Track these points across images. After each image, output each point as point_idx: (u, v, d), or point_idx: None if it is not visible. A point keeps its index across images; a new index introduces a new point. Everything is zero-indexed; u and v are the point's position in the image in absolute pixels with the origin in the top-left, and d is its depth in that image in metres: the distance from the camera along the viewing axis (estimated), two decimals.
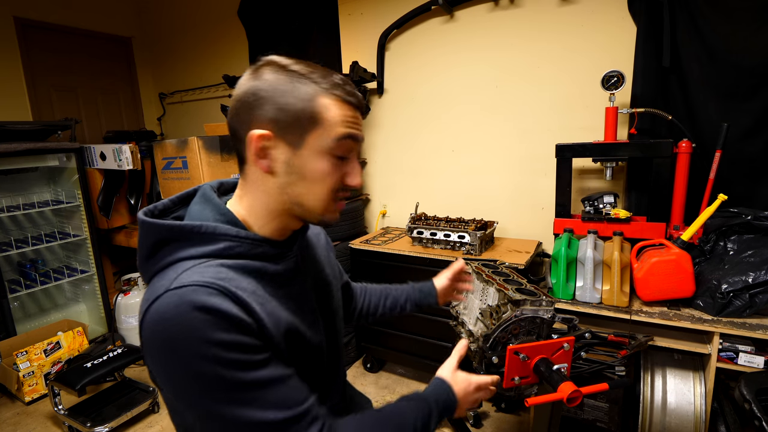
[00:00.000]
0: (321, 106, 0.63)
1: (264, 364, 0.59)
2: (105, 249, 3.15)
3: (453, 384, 0.80)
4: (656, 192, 1.87)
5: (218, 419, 0.57)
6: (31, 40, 3.29)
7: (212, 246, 0.63)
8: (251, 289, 0.62)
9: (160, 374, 0.59)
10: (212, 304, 0.55)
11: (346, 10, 2.86)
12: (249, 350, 0.57)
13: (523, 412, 2.18)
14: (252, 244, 0.66)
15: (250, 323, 0.58)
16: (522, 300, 1.16)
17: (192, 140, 1.97)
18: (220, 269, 0.61)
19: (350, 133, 0.65)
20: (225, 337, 0.55)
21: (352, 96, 0.66)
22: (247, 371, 0.57)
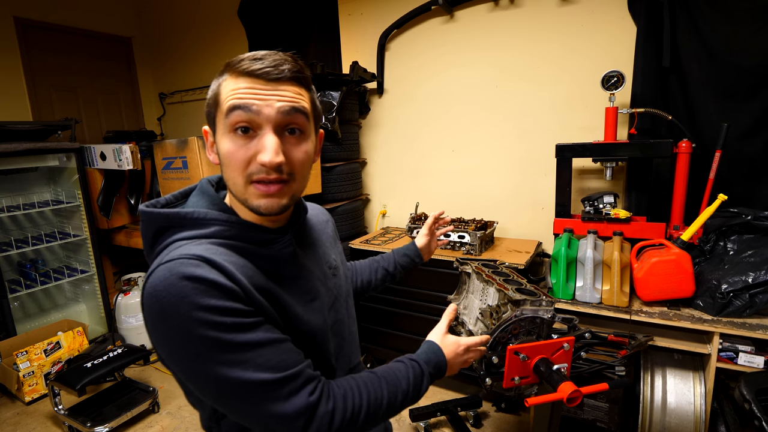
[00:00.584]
0: (220, 87, 0.66)
1: (254, 326, 0.60)
2: (105, 249, 3.15)
3: (443, 347, 0.84)
4: (656, 192, 1.87)
5: (212, 381, 0.58)
6: (31, 40, 3.29)
7: (204, 230, 0.66)
8: (240, 263, 0.64)
9: (158, 345, 0.61)
10: (198, 274, 0.58)
11: (346, 10, 2.86)
12: (238, 314, 0.59)
13: (523, 412, 2.18)
14: (242, 228, 0.68)
15: (237, 291, 0.60)
16: (522, 300, 1.16)
17: (192, 140, 1.97)
18: (209, 246, 0.63)
19: (235, 103, 0.62)
20: (213, 303, 0.57)
21: (251, 64, 0.64)
22: (237, 333, 0.58)
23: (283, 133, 0.66)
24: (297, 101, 0.66)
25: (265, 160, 0.62)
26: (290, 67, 0.65)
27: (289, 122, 0.65)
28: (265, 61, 0.64)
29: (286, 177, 0.66)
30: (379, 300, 2.45)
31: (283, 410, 0.60)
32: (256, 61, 0.64)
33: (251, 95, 0.63)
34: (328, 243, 0.89)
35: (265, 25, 3.22)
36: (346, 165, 2.68)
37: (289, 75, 0.65)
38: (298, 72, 0.66)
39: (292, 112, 0.65)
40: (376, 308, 2.47)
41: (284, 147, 0.65)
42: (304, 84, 0.69)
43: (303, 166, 0.69)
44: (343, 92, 2.49)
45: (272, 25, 3.18)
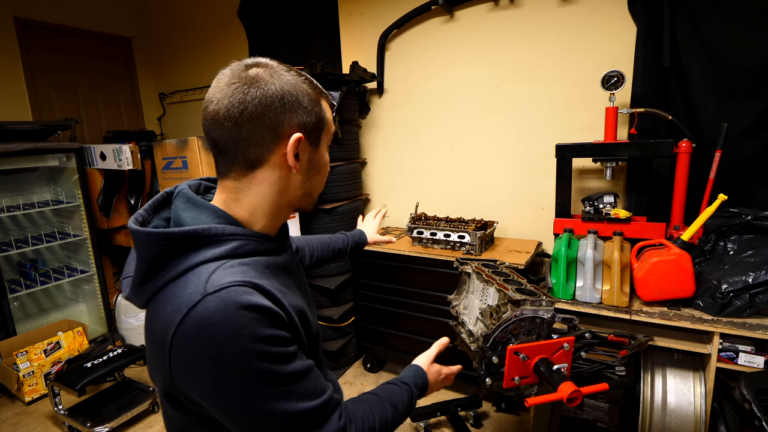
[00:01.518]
0: (324, 109, 0.71)
1: (295, 356, 0.61)
2: (105, 249, 3.15)
3: (428, 372, 0.97)
4: (656, 192, 1.87)
5: (256, 415, 0.57)
6: (31, 40, 3.29)
7: (224, 246, 0.63)
8: (272, 283, 0.63)
9: (197, 385, 0.57)
10: (256, 302, 0.56)
11: (346, 10, 2.86)
12: (286, 343, 0.59)
13: (523, 412, 2.18)
14: (258, 240, 0.67)
15: (283, 316, 0.60)
16: (522, 300, 1.16)
17: (192, 140, 1.97)
18: (242, 267, 0.61)
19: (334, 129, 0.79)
20: (269, 333, 0.57)
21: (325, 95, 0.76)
22: (286, 364, 0.58)
23: None
24: None
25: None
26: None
27: None
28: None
29: None
30: (379, 300, 2.45)
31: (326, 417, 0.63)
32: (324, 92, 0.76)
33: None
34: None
35: (265, 25, 3.22)
36: (346, 165, 2.68)
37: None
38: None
39: None
40: (376, 308, 2.47)
41: None
42: None
43: None
44: (343, 92, 2.49)
45: (272, 25, 3.18)
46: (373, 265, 2.43)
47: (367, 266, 2.45)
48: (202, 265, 0.60)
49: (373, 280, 2.46)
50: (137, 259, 0.62)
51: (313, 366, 0.64)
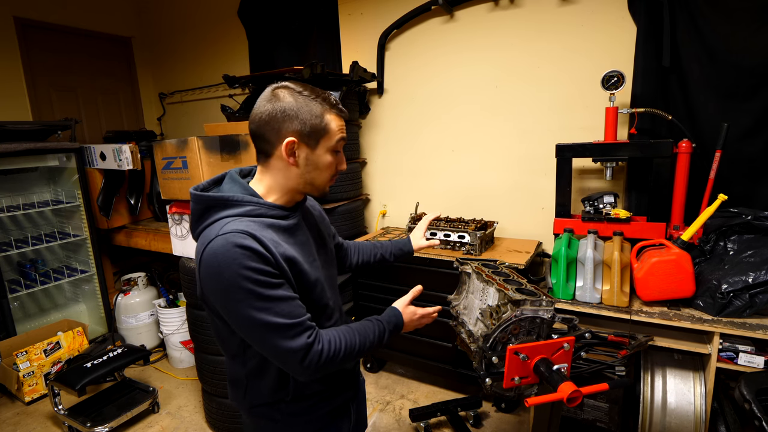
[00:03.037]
0: (327, 120, 0.94)
1: (278, 286, 0.86)
2: (105, 249, 3.15)
3: (403, 312, 1.10)
4: (656, 192, 1.87)
5: (246, 319, 0.84)
6: (31, 40, 3.29)
7: (241, 209, 0.91)
8: (269, 237, 0.88)
9: (210, 292, 0.86)
10: (246, 244, 0.83)
11: (346, 10, 2.87)
12: (269, 275, 0.84)
13: (523, 412, 2.18)
14: (267, 207, 0.94)
15: (270, 258, 0.85)
16: (522, 300, 1.16)
17: (192, 140, 1.96)
18: (248, 223, 0.88)
19: (343, 136, 0.98)
20: (254, 265, 0.82)
21: (343, 112, 0.98)
22: (267, 289, 0.84)
23: None
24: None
25: (344, 168, 1.01)
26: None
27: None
28: (344, 109, 0.98)
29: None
30: (378, 300, 2.45)
31: (289, 346, 0.85)
32: (340, 106, 0.97)
33: (342, 129, 0.97)
34: (322, 222, 1.17)
35: (265, 25, 3.22)
36: (346, 165, 2.68)
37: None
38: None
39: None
40: (376, 308, 2.47)
41: None
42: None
43: None
44: (343, 92, 2.49)
45: (272, 25, 3.18)
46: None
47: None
48: (223, 219, 0.89)
49: (373, 279, 2.46)
50: (191, 210, 0.95)
51: (293, 297, 0.88)
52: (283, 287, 0.87)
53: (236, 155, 2.06)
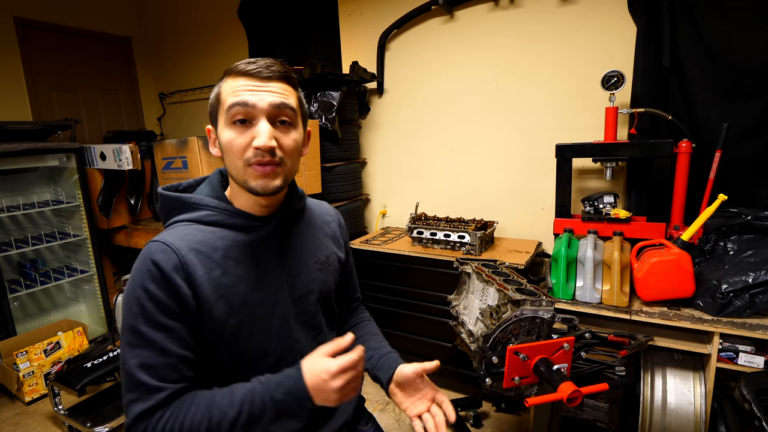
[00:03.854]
0: (221, 88, 0.78)
1: (160, 327, 0.70)
2: (105, 249, 3.15)
3: (307, 370, 0.71)
4: (656, 192, 1.87)
5: (123, 332, 0.72)
6: (31, 40, 3.29)
7: (195, 213, 0.81)
8: (210, 252, 0.76)
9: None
10: (158, 261, 0.72)
11: (346, 10, 2.87)
12: (160, 308, 0.71)
13: (523, 412, 2.18)
14: (227, 214, 0.81)
15: (178, 283, 0.72)
16: (522, 300, 1.16)
17: (192, 140, 1.96)
18: (190, 229, 0.78)
19: (235, 101, 0.74)
20: (151, 288, 0.71)
21: (246, 66, 0.75)
22: (146, 322, 0.70)
23: (274, 124, 0.76)
24: (285, 97, 0.77)
25: (260, 143, 0.73)
26: (279, 68, 0.77)
27: (279, 114, 0.76)
28: (258, 63, 0.76)
29: (278, 161, 0.76)
30: (378, 300, 2.45)
31: (126, 406, 0.70)
32: (250, 63, 0.76)
33: (247, 91, 0.74)
34: (322, 240, 0.96)
35: (265, 25, 3.22)
36: (346, 165, 2.68)
37: (278, 74, 0.77)
38: (286, 73, 0.78)
39: (281, 106, 0.76)
40: (376, 308, 2.47)
41: (275, 134, 0.76)
42: (291, 83, 0.80)
43: (293, 152, 0.79)
44: (343, 92, 2.49)
45: (272, 25, 3.18)
46: (373, 264, 2.43)
47: (367, 266, 2.45)
48: (178, 223, 0.81)
49: (373, 279, 2.46)
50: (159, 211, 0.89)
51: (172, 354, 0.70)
52: (164, 332, 0.70)
53: None
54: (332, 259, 0.96)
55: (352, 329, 1.08)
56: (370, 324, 1.12)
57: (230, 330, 0.77)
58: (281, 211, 0.86)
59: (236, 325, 0.77)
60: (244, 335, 0.79)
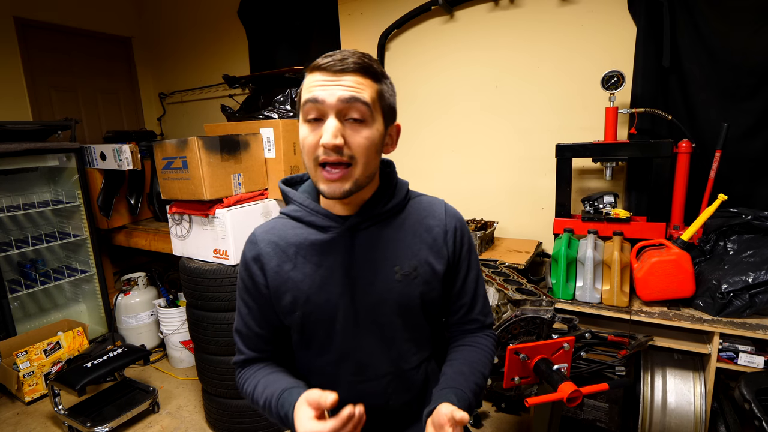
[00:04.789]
0: (303, 84, 0.75)
1: (245, 303, 0.88)
2: (105, 249, 3.15)
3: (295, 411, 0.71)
4: (656, 192, 1.87)
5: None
6: (31, 40, 3.29)
7: (288, 207, 0.87)
8: (277, 246, 0.84)
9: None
10: (246, 250, 0.87)
11: (346, 10, 2.86)
12: (245, 287, 0.87)
13: (523, 412, 2.17)
14: (306, 211, 0.84)
15: (255, 272, 0.85)
16: (522, 300, 1.16)
17: (192, 140, 1.96)
18: (278, 222, 0.87)
19: (307, 97, 0.72)
20: (241, 271, 0.88)
21: (322, 59, 0.72)
22: (241, 295, 0.89)
23: (346, 120, 0.72)
24: (357, 90, 0.71)
25: (324, 141, 0.70)
26: (354, 59, 0.71)
27: (350, 109, 0.71)
28: (333, 56, 0.72)
29: (347, 160, 0.72)
30: None
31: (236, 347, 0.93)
32: (326, 57, 0.72)
33: (318, 86, 0.71)
34: (414, 247, 0.84)
35: (266, 25, 3.22)
36: None
37: (352, 66, 0.71)
38: (363, 64, 0.72)
39: (351, 101, 0.70)
40: None
41: (345, 132, 0.71)
42: (369, 75, 0.73)
43: (365, 150, 0.73)
44: None
45: (272, 25, 3.18)
46: None
47: None
48: (280, 214, 0.89)
49: None
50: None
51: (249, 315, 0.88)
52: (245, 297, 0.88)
53: (236, 155, 2.06)
54: (423, 270, 0.83)
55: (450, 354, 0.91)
56: (468, 350, 0.90)
57: (297, 320, 0.83)
58: (360, 212, 0.82)
59: (301, 317, 0.83)
60: (310, 327, 0.84)
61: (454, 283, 0.90)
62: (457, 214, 0.94)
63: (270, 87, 2.46)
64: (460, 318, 0.93)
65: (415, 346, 0.88)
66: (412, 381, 0.88)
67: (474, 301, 0.93)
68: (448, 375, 0.85)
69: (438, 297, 0.87)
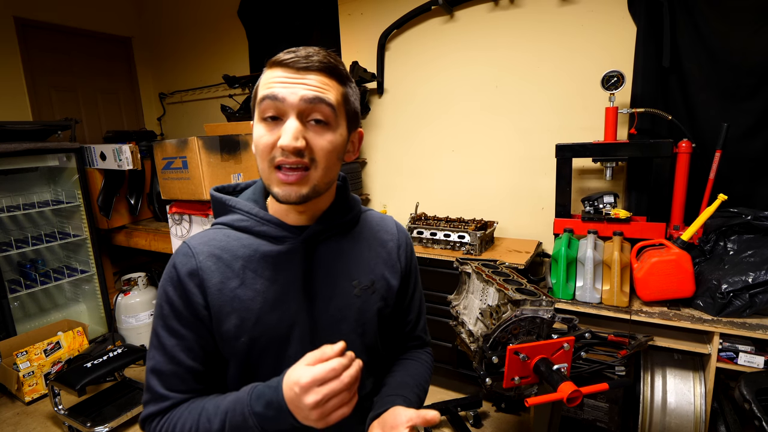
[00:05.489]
0: (260, 80, 0.69)
1: (173, 333, 0.70)
2: (105, 249, 3.15)
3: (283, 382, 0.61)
4: (656, 192, 1.87)
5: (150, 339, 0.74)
6: (31, 40, 3.29)
7: (229, 216, 0.76)
8: (230, 260, 0.71)
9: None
10: (177, 264, 0.71)
11: (346, 10, 2.86)
12: (174, 312, 0.70)
13: (523, 412, 2.18)
14: (257, 221, 0.74)
15: (191, 290, 0.70)
16: (522, 300, 1.16)
17: (192, 140, 1.96)
18: (219, 234, 0.74)
19: (265, 94, 0.65)
20: (170, 291, 0.70)
21: (284, 55, 0.66)
22: (163, 325, 0.71)
23: (308, 122, 0.66)
24: (322, 91, 0.66)
25: (283, 143, 0.63)
26: (320, 58, 0.66)
27: (313, 110, 0.66)
28: (297, 53, 0.66)
29: (307, 162, 0.66)
30: None
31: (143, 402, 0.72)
32: (289, 52, 0.67)
33: (279, 83, 0.65)
34: (370, 261, 0.80)
35: (265, 25, 3.22)
36: (345, 165, 2.68)
37: (317, 65, 0.66)
38: (329, 64, 0.67)
39: (315, 101, 0.65)
40: None
41: (307, 134, 0.66)
42: (335, 76, 0.68)
43: (327, 155, 0.68)
44: None
45: (272, 25, 3.18)
46: None
47: None
48: (216, 225, 0.78)
49: None
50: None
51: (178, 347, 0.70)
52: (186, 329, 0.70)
53: (236, 155, 2.06)
54: (379, 285, 0.80)
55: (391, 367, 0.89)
56: (409, 363, 0.90)
57: (241, 347, 0.70)
58: (319, 221, 0.75)
59: (248, 343, 0.70)
60: (256, 356, 0.72)
61: (403, 299, 0.89)
62: (406, 230, 0.92)
63: None
64: (404, 335, 0.93)
65: (369, 370, 0.81)
66: (366, 411, 0.79)
67: (418, 319, 0.94)
68: (392, 385, 0.82)
69: (391, 314, 0.84)
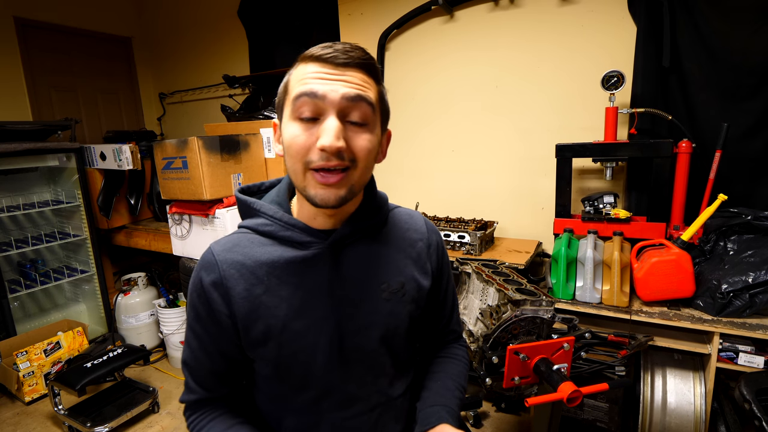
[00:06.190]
0: (290, 76, 0.66)
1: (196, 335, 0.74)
2: (105, 249, 3.15)
3: None
4: (656, 192, 1.87)
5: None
6: (31, 40, 3.29)
7: (254, 220, 0.75)
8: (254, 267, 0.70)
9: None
10: (202, 273, 0.72)
11: (346, 10, 2.86)
12: (198, 318, 0.73)
13: (523, 412, 2.18)
14: (281, 226, 0.72)
15: (215, 299, 0.70)
16: (522, 300, 1.16)
17: (192, 140, 1.96)
18: (242, 239, 0.73)
19: (302, 91, 0.61)
20: (194, 297, 0.73)
21: (321, 50, 0.62)
22: (191, 323, 0.75)
23: (346, 121, 0.64)
24: (363, 89, 0.64)
25: (325, 143, 0.60)
26: (360, 54, 0.64)
27: (353, 109, 0.63)
28: (335, 47, 0.63)
29: (348, 164, 0.63)
30: None
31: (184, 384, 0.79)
32: (326, 47, 0.63)
33: (318, 79, 0.61)
34: (399, 262, 0.79)
35: (265, 25, 3.22)
36: None
37: (358, 61, 0.63)
38: (368, 60, 0.65)
39: (357, 99, 0.63)
40: None
41: (346, 134, 0.63)
42: (372, 74, 0.67)
43: (367, 155, 0.66)
44: None
45: (272, 25, 3.18)
46: None
47: None
48: (240, 228, 0.77)
49: None
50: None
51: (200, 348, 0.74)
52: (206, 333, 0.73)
53: (236, 155, 2.07)
54: (409, 287, 0.78)
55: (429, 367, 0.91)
56: (449, 363, 0.91)
57: (271, 352, 0.71)
58: (347, 224, 0.73)
59: (275, 349, 0.70)
60: (284, 362, 0.71)
61: (436, 297, 0.88)
62: (436, 228, 0.91)
63: (270, 87, 2.46)
64: (440, 329, 0.93)
65: (402, 371, 0.83)
66: (401, 410, 0.82)
67: (452, 312, 0.94)
68: (434, 390, 0.83)
69: (422, 316, 0.83)
